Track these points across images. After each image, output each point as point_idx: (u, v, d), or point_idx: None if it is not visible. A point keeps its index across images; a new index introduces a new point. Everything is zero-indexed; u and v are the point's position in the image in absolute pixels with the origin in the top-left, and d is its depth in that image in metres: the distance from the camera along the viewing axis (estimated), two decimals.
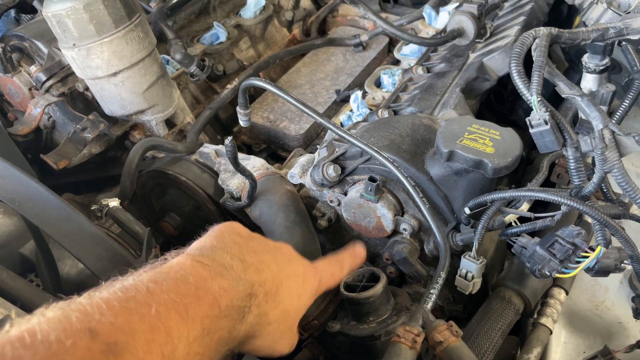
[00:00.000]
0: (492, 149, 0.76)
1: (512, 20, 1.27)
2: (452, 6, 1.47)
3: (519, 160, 0.76)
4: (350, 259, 0.76)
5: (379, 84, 1.38)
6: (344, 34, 1.63)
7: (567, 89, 0.69)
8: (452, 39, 1.21)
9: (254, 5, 1.58)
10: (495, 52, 1.15)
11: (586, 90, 0.97)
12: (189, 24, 1.52)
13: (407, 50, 1.44)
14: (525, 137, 0.79)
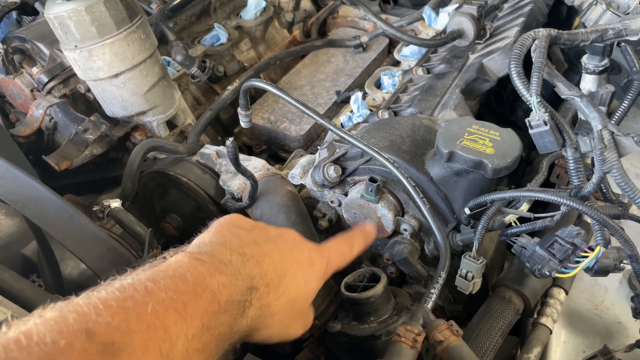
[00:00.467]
0: (492, 150, 0.76)
1: (512, 21, 1.27)
2: (452, 7, 1.47)
3: (519, 160, 0.77)
4: (360, 238, 0.75)
5: (379, 85, 1.39)
6: (344, 35, 1.63)
7: (566, 89, 0.70)
8: (452, 40, 1.21)
9: (254, 6, 1.59)
10: (494, 53, 1.15)
11: (585, 91, 0.97)
12: (189, 25, 1.52)
13: (407, 51, 1.45)
14: (524, 138, 0.79)
